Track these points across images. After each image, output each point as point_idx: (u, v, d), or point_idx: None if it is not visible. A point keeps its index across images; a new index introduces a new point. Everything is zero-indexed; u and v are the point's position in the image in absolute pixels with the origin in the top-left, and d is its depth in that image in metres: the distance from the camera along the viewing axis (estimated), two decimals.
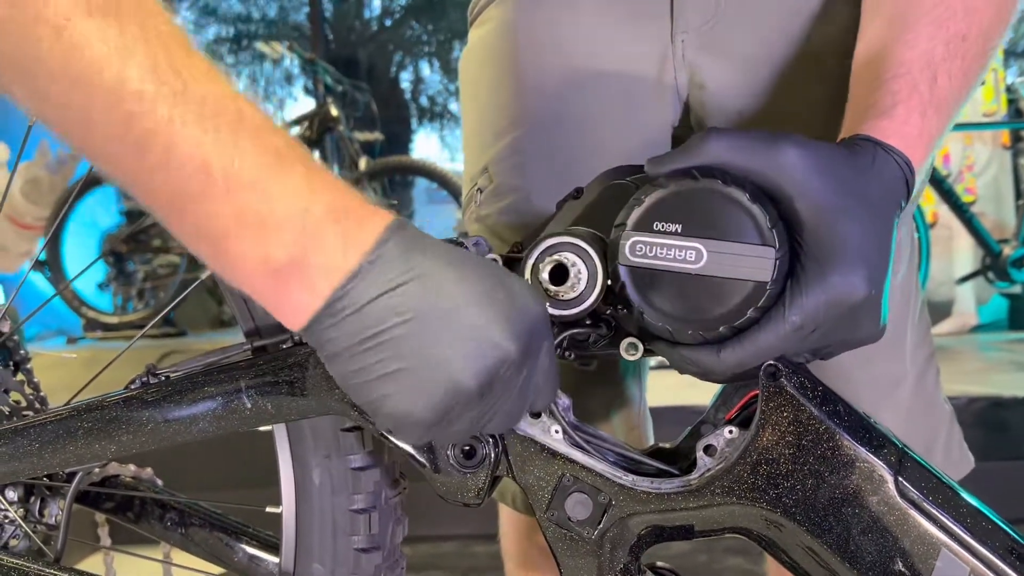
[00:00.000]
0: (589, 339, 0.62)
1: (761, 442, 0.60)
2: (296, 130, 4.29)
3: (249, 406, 0.64)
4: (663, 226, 0.56)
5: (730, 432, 0.62)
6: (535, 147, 0.90)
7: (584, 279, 0.60)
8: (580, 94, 0.89)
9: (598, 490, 0.63)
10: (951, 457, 0.91)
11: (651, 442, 1.04)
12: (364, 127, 4.56)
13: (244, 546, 0.82)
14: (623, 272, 0.57)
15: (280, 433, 0.68)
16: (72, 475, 0.78)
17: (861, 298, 0.56)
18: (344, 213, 0.49)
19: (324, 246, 0.48)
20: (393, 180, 4.11)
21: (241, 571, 0.81)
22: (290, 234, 0.48)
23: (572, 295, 0.60)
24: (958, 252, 4.51)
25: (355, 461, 0.67)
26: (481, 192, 0.94)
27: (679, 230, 0.56)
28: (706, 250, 0.56)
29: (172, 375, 0.66)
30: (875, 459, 0.59)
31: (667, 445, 0.70)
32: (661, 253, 0.56)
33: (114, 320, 4.71)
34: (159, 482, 0.86)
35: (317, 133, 4.27)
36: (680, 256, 0.56)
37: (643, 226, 0.57)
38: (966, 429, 0.96)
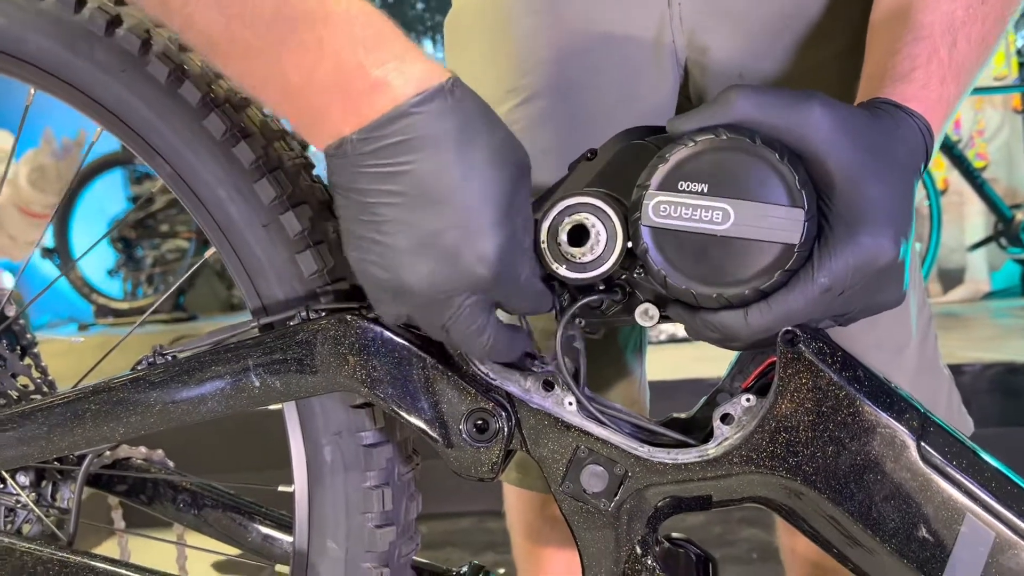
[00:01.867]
0: (602, 305, 0.61)
1: (780, 409, 0.59)
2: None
3: (257, 384, 0.63)
4: (688, 186, 0.55)
5: (747, 400, 0.61)
6: (535, 115, 0.88)
7: (603, 241, 0.58)
8: (577, 61, 0.87)
9: (614, 462, 0.62)
10: (952, 421, 0.91)
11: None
12: None
13: (257, 526, 0.81)
14: (646, 233, 0.55)
15: (290, 412, 0.67)
16: (83, 458, 0.78)
17: (889, 260, 0.55)
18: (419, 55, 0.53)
19: (410, 64, 0.52)
20: None
21: (255, 551, 0.81)
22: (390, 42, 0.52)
23: (591, 257, 0.58)
24: (969, 218, 4.47)
25: (367, 438, 0.66)
26: None
27: (705, 190, 0.54)
28: (733, 211, 0.54)
29: (179, 355, 0.65)
30: (897, 424, 0.57)
31: (682, 415, 0.69)
32: (686, 214, 0.55)
33: (124, 306, 4.72)
34: (170, 464, 0.86)
35: None
36: (706, 217, 0.54)
37: (668, 185, 0.55)
38: (981, 395, 0.96)
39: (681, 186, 0.55)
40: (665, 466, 0.61)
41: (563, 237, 0.58)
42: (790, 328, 0.58)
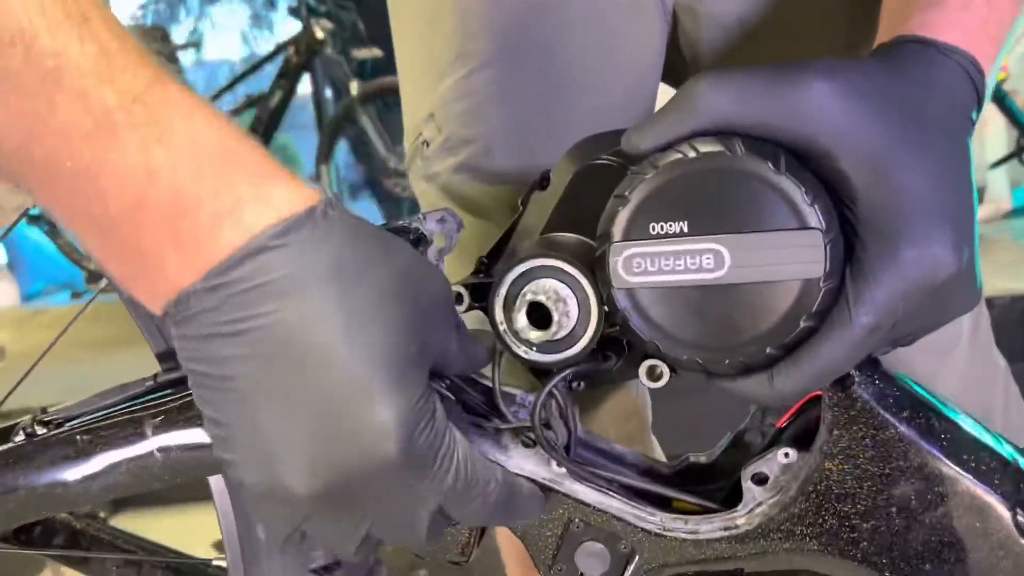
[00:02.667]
0: (596, 371, 0.47)
1: (828, 469, 0.45)
2: (283, 55, 4.06)
3: (159, 460, 0.49)
4: (662, 227, 0.40)
5: (786, 455, 0.47)
6: (491, 86, 0.72)
7: (574, 312, 0.44)
8: (537, 19, 0.71)
9: (617, 537, 0.49)
10: (1010, 420, 0.77)
11: (650, 428, 0.90)
12: (356, 46, 4.32)
13: None
14: (621, 298, 0.42)
15: (215, 481, 0.54)
16: None
17: (952, 271, 0.40)
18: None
19: (268, 187, 0.36)
20: (387, 102, 3.88)
21: None
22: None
23: (564, 333, 0.45)
24: (989, 135, 4.28)
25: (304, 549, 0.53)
26: (428, 145, 0.76)
27: (685, 229, 0.40)
28: (727, 250, 0.40)
29: (65, 420, 0.52)
30: (986, 488, 0.44)
31: (702, 458, 0.55)
32: (667, 265, 0.41)
33: None
34: (101, 514, 0.73)
35: (304, 57, 4.04)
36: (693, 264, 0.40)
37: (635, 232, 0.41)
38: (1012, 329, 0.81)
39: (653, 229, 0.41)
40: (682, 542, 0.48)
41: (521, 320, 0.45)
42: None
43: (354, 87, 3.90)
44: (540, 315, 0.44)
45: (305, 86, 4.19)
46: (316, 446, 0.36)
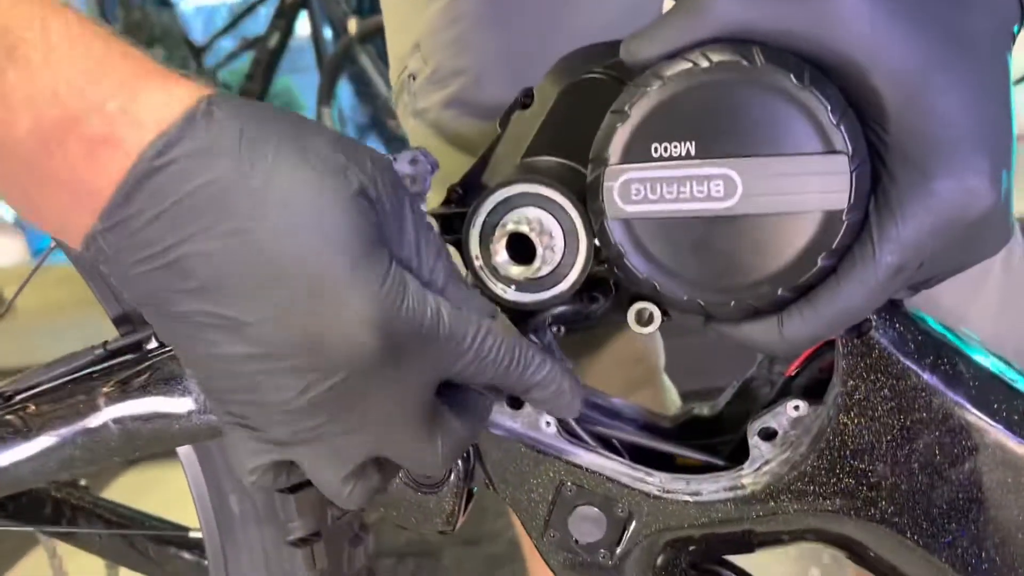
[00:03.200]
0: (580, 314, 0.42)
1: (844, 423, 0.41)
2: None
3: (115, 433, 0.46)
4: (667, 149, 0.35)
5: (796, 408, 0.43)
6: (480, 8, 0.66)
7: (560, 246, 0.39)
8: None
9: (613, 500, 0.45)
10: None
11: (663, 369, 0.85)
12: None
13: (193, 558, 0.66)
14: (616, 229, 0.37)
15: (185, 450, 0.51)
16: None
17: (987, 208, 0.35)
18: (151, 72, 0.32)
19: (140, 96, 0.31)
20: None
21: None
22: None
23: (548, 269, 0.39)
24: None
25: (282, 482, 0.49)
26: (414, 79, 0.70)
27: (692, 150, 0.35)
28: (739, 176, 0.35)
29: (13, 394, 0.48)
30: (1018, 439, 0.39)
31: (705, 411, 0.51)
32: (670, 192, 0.35)
33: None
34: (82, 482, 0.70)
35: None
36: (700, 192, 0.35)
37: (635, 154, 0.35)
38: None
39: (656, 151, 0.35)
40: (683, 505, 0.44)
41: (500, 256, 0.39)
42: None
43: (352, 25, 3.80)
44: (522, 249, 0.39)
45: (304, 27, 4.09)
46: (295, 355, 0.32)
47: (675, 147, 0.35)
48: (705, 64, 0.34)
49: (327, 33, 4.29)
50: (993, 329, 0.63)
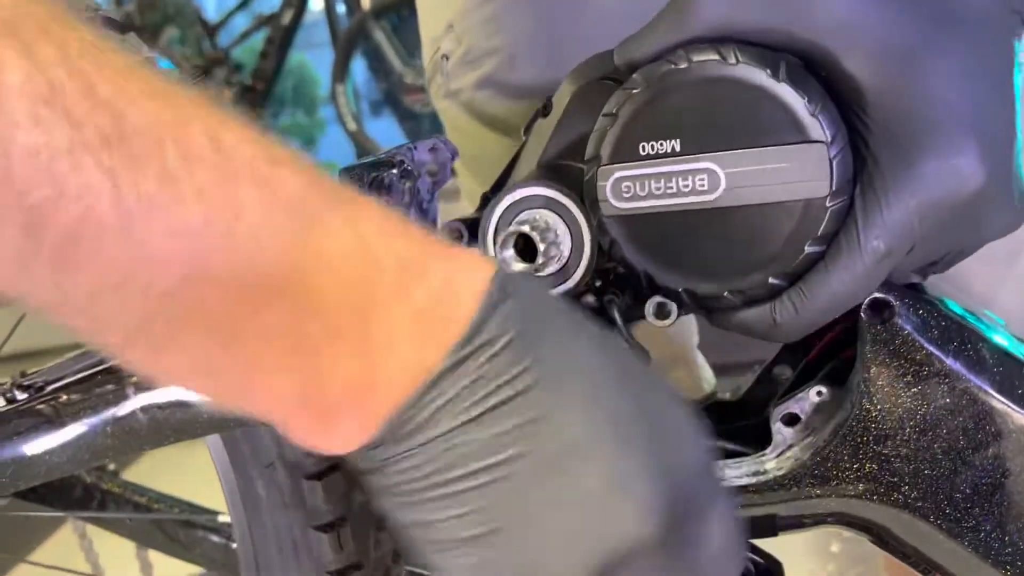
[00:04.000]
0: (599, 308, 0.43)
1: (867, 409, 0.41)
2: None
3: (144, 422, 0.46)
4: (653, 147, 0.37)
5: (818, 394, 0.43)
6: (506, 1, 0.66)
7: (566, 244, 0.40)
8: None
9: None
10: None
11: (696, 346, 0.85)
12: None
13: (220, 540, 0.67)
14: (612, 225, 0.38)
15: (212, 437, 0.51)
16: None
17: (977, 186, 0.35)
18: (418, 274, 0.29)
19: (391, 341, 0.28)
20: (402, 16, 3.75)
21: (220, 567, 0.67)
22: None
23: (556, 267, 0.41)
24: None
25: (307, 467, 0.50)
26: (447, 59, 0.70)
27: (677, 147, 0.36)
28: (722, 169, 0.36)
29: (44, 384, 0.49)
30: None
31: (727, 395, 0.51)
32: (658, 188, 0.37)
33: None
34: (111, 466, 0.72)
35: None
36: (686, 186, 0.37)
37: (623, 154, 0.37)
38: None
39: (643, 149, 0.37)
40: None
41: (508, 252, 0.41)
42: (879, 294, 0.39)
43: (366, 0, 3.78)
44: (531, 247, 0.40)
45: (317, 3, 4.07)
46: (580, 537, 0.30)
47: (661, 145, 0.37)
48: (684, 64, 0.36)
49: (340, 9, 4.28)
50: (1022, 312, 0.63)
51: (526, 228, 0.40)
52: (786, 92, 0.35)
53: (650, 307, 0.41)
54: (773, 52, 0.35)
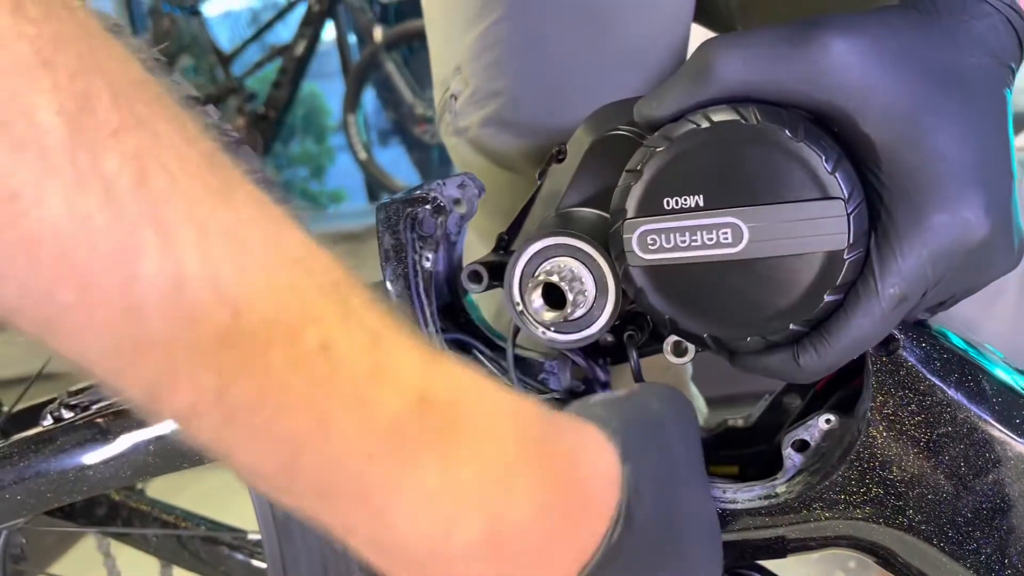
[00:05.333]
0: (617, 346, 0.45)
1: (873, 435, 0.43)
2: (305, 1, 4.00)
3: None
4: (678, 202, 0.39)
5: (827, 421, 0.45)
6: (516, 35, 0.69)
7: (591, 291, 0.43)
8: None
9: None
10: None
11: (690, 378, 0.88)
12: None
13: (240, 557, 0.69)
14: (637, 275, 0.40)
15: None
16: None
17: (983, 235, 0.38)
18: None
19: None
20: (413, 48, 3.82)
21: None
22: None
23: (581, 312, 0.43)
24: None
25: None
26: (456, 99, 0.74)
27: (701, 203, 0.38)
28: (745, 224, 0.38)
29: (90, 404, 0.52)
30: None
31: (740, 422, 0.54)
32: (683, 241, 0.39)
33: None
34: (139, 486, 0.74)
35: (327, 3, 3.98)
36: (710, 240, 0.38)
37: (649, 208, 0.39)
38: None
39: (668, 204, 0.39)
40: (720, 512, 0.46)
41: (536, 303, 0.43)
42: None
43: (378, 33, 3.84)
44: (556, 295, 0.43)
45: (330, 33, 4.14)
46: None
47: (685, 200, 0.39)
48: (706, 124, 0.38)
49: (352, 40, 4.34)
50: (1009, 341, 0.65)
51: (555, 279, 0.42)
52: (804, 151, 0.37)
53: (668, 345, 0.43)
54: (791, 112, 0.37)
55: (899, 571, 0.47)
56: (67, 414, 0.51)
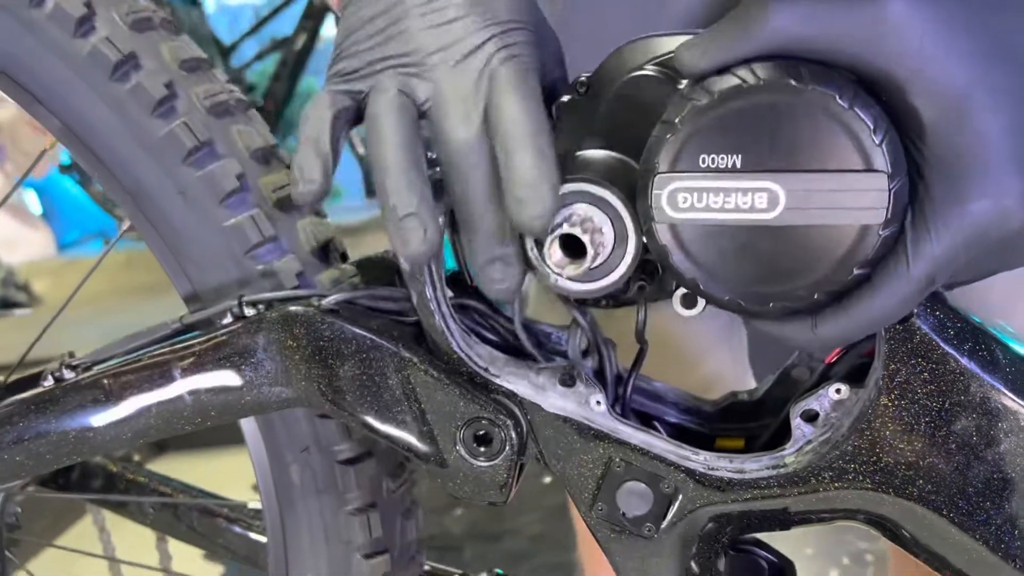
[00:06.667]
0: (627, 292, 0.45)
1: (884, 405, 0.43)
2: None
3: (189, 403, 0.48)
4: (714, 160, 0.37)
5: (837, 391, 0.45)
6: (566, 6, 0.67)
7: (609, 241, 0.42)
8: None
9: (659, 477, 0.47)
10: None
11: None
12: None
13: (237, 529, 0.69)
14: (663, 233, 0.39)
15: (247, 421, 0.53)
16: None
17: (1018, 227, 0.37)
18: None
19: None
20: None
21: (240, 558, 0.69)
22: None
23: (599, 261, 0.42)
24: None
25: (342, 452, 0.52)
26: None
27: (738, 163, 0.37)
28: (783, 190, 0.37)
29: (92, 364, 0.51)
30: None
31: (746, 396, 0.53)
32: (716, 202, 0.37)
33: None
34: (136, 457, 0.73)
35: None
36: (745, 203, 0.37)
37: (684, 164, 0.37)
38: None
39: (704, 161, 0.37)
40: (727, 481, 0.46)
41: (554, 255, 0.42)
42: None
43: None
44: (573, 243, 0.42)
45: (331, 28, 4.13)
46: None
47: (722, 159, 0.37)
48: (754, 81, 0.36)
49: None
50: None
51: (577, 231, 0.41)
52: (854, 120, 0.36)
53: (677, 298, 0.42)
54: (842, 76, 0.36)
55: (906, 544, 0.46)
56: (68, 374, 0.50)
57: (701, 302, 0.42)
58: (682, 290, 0.42)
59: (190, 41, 0.53)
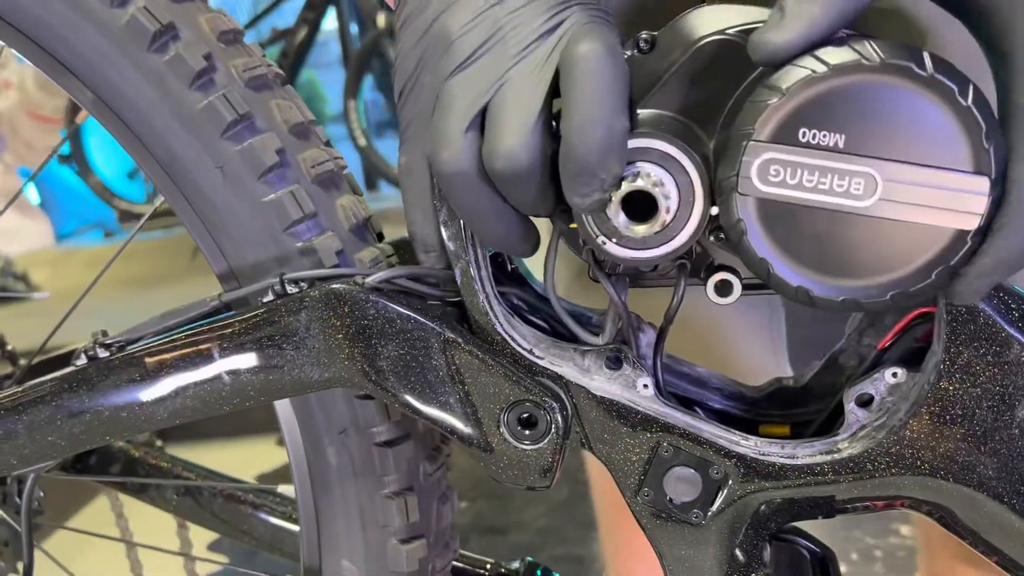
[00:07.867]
0: (654, 268, 0.43)
1: (944, 388, 0.42)
2: None
3: (228, 383, 0.47)
4: (815, 136, 0.35)
5: (894, 375, 0.44)
6: None
7: (673, 205, 0.38)
8: None
9: (708, 462, 0.46)
10: None
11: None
12: None
13: (265, 516, 0.68)
14: (742, 207, 0.36)
15: (282, 403, 0.52)
16: None
17: None
18: None
19: None
20: None
21: (266, 546, 0.68)
22: None
23: (656, 229, 0.39)
24: None
25: (380, 434, 0.51)
26: None
27: (842, 143, 0.35)
28: (881, 178, 0.35)
29: (127, 343, 0.50)
30: None
31: (791, 382, 0.52)
32: (810, 180, 0.35)
33: (146, 209, 4.60)
34: (158, 443, 0.72)
35: None
36: (840, 186, 0.35)
37: (783, 135, 0.35)
38: None
39: (804, 136, 0.35)
40: (778, 467, 0.45)
41: (619, 217, 0.39)
42: None
43: (381, 19, 3.81)
44: (639, 205, 0.39)
45: (331, 22, 4.11)
46: None
47: (824, 136, 0.35)
48: (877, 61, 0.34)
49: (353, 28, 4.31)
50: None
51: (648, 186, 0.38)
52: (969, 118, 0.34)
53: (712, 284, 0.41)
54: (964, 75, 0.34)
55: (959, 531, 0.45)
56: (103, 353, 0.49)
57: (736, 291, 0.41)
58: (718, 277, 0.41)
59: (225, 12, 0.52)
